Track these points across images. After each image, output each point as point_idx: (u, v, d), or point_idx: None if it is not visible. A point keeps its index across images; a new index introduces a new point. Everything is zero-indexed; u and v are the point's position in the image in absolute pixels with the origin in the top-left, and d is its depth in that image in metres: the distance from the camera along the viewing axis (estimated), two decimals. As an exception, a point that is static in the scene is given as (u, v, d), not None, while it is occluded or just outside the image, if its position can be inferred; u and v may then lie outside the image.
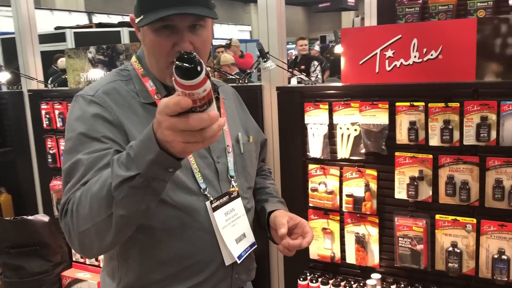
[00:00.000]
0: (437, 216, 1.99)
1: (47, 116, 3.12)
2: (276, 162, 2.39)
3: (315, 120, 2.22)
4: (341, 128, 2.17)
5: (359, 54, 2.13)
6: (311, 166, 2.27)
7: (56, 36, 9.78)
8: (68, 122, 1.30)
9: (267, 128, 2.42)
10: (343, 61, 2.18)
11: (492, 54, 1.87)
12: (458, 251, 1.95)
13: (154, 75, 1.37)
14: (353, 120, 2.13)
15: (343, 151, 2.17)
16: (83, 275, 2.93)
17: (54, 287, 2.96)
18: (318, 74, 6.65)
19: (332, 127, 2.19)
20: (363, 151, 2.12)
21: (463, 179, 1.92)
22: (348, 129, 2.15)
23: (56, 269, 2.97)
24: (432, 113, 1.94)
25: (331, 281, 2.23)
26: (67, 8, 14.74)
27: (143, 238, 1.27)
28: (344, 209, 2.19)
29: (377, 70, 2.10)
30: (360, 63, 2.13)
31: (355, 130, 2.13)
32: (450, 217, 1.96)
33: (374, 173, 2.11)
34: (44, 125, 3.15)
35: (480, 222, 1.91)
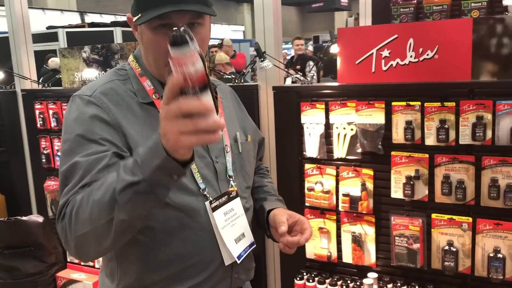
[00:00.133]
0: (433, 215, 2.00)
1: (41, 116, 3.10)
2: (273, 162, 2.39)
3: (312, 120, 2.22)
4: (338, 128, 2.17)
5: (356, 54, 2.13)
6: (308, 166, 2.27)
7: (48, 36, 9.72)
8: (66, 123, 1.28)
9: (264, 128, 2.42)
10: (340, 61, 2.18)
11: (488, 54, 1.88)
12: (454, 250, 1.96)
13: (152, 74, 1.36)
14: (350, 120, 2.14)
15: (340, 151, 2.18)
16: (78, 276, 2.91)
17: (49, 288, 2.95)
18: (314, 74, 6.66)
19: (329, 127, 2.20)
20: (360, 151, 2.12)
21: (459, 178, 1.93)
22: (345, 129, 2.15)
23: (51, 270, 2.95)
24: (428, 113, 1.95)
25: (328, 281, 2.23)
26: (59, 8, 14.66)
27: (143, 239, 1.27)
28: (341, 209, 2.19)
29: (373, 70, 2.10)
30: (357, 63, 2.13)
31: (352, 130, 2.14)
32: (446, 216, 1.98)
33: (371, 173, 2.12)
34: (38, 125, 3.13)
35: (476, 221, 1.92)
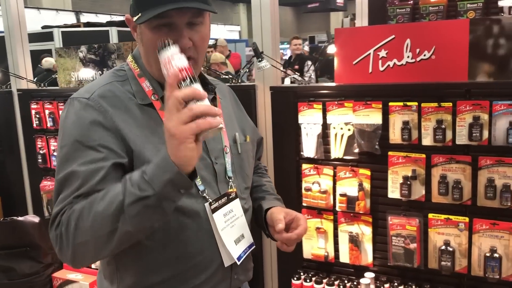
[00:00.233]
0: (430, 215, 2.01)
1: (37, 116, 3.09)
2: (270, 162, 2.39)
3: (309, 120, 2.23)
4: (335, 128, 2.17)
5: (353, 54, 2.14)
6: (305, 166, 2.27)
7: (44, 36, 9.68)
8: (64, 126, 1.27)
9: (261, 128, 2.42)
10: (337, 61, 2.18)
11: (484, 55, 1.89)
12: (451, 250, 1.97)
13: (152, 75, 1.36)
14: (347, 120, 2.14)
15: (337, 151, 2.18)
16: (75, 276, 2.90)
17: (45, 289, 2.94)
18: (312, 74, 6.64)
19: (326, 127, 2.20)
20: (357, 151, 2.13)
21: (456, 178, 1.94)
22: (342, 129, 2.16)
23: (47, 270, 2.94)
24: (425, 113, 1.96)
25: (325, 280, 2.24)
26: (54, 7, 14.60)
27: (143, 241, 1.26)
28: (338, 209, 2.19)
29: (371, 70, 2.11)
30: (354, 63, 2.14)
31: (349, 130, 2.14)
32: (443, 216, 1.98)
33: (368, 173, 2.12)
34: (34, 125, 3.12)
35: (473, 221, 1.93)
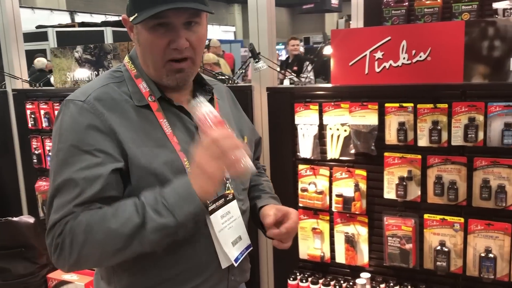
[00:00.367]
0: (426, 216, 2.02)
1: (32, 116, 3.07)
2: (266, 163, 2.40)
3: (305, 121, 2.23)
4: (331, 129, 2.18)
5: (349, 56, 2.15)
6: (301, 167, 2.28)
7: (38, 35, 9.65)
8: (59, 129, 1.26)
9: (257, 129, 2.42)
10: (333, 62, 2.19)
11: (480, 56, 1.90)
12: (446, 250, 1.98)
13: (149, 76, 1.35)
14: (343, 121, 2.15)
15: (333, 152, 2.19)
16: (70, 277, 2.88)
17: (40, 290, 2.92)
18: (310, 75, 6.63)
19: (322, 128, 2.21)
20: (353, 152, 2.14)
21: (451, 179, 1.95)
22: (338, 130, 2.16)
23: (42, 271, 2.92)
24: (421, 114, 1.97)
25: (321, 281, 2.24)
26: (48, 7, 14.54)
27: None
28: (334, 209, 2.20)
29: (367, 72, 2.12)
30: (350, 64, 2.15)
31: (345, 131, 2.15)
32: (438, 217, 1.99)
33: (364, 173, 2.13)
34: (29, 125, 3.10)
35: (468, 221, 1.94)
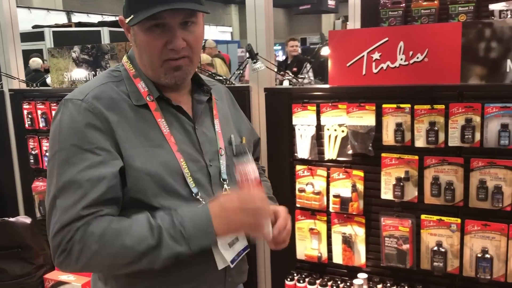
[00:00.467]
0: (423, 216, 2.03)
1: (29, 116, 3.07)
2: (264, 163, 2.39)
3: (303, 121, 2.24)
4: (329, 130, 2.19)
5: (346, 56, 2.15)
6: (299, 167, 2.28)
7: (34, 35, 9.62)
8: (58, 129, 1.26)
9: (255, 129, 2.41)
10: (331, 63, 2.19)
11: (476, 58, 1.91)
12: (443, 251, 1.99)
13: (147, 76, 1.36)
14: (341, 122, 2.15)
15: (331, 152, 2.19)
16: (66, 278, 2.88)
17: (36, 290, 2.91)
18: (311, 76, 6.60)
19: (320, 128, 2.21)
20: (350, 152, 2.14)
21: (448, 180, 1.95)
22: (336, 131, 2.17)
23: (39, 272, 2.91)
24: (418, 115, 1.98)
25: (318, 281, 2.25)
26: (45, 7, 14.50)
27: None
28: (331, 210, 2.21)
29: (364, 72, 2.13)
30: (347, 65, 2.15)
31: (342, 132, 2.15)
32: (435, 217, 2.00)
33: (361, 174, 2.13)
34: (26, 125, 3.10)
35: (464, 222, 1.95)
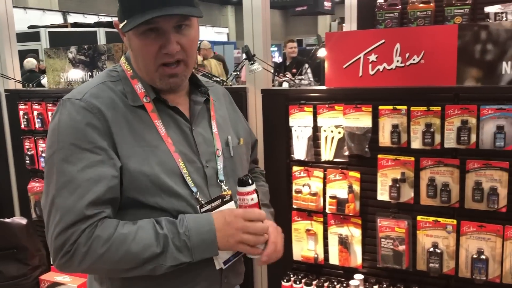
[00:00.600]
0: (419, 217, 2.03)
1: (25, 117, 3.06)
2: (261, 164, 2.39)
3: (300, 123, 2.24)
4: (325, 131, 2.19)
5: (343, 58, 2.16)
6: (295, 168, 2.28)
7: (30, 35, 9.60)
8: (57, 129, 1.27)
9: (252, 130, 2.43)
10: (327, 65, 2.20)
11: (472, 60, 1.92)
12: (439, 252, 2.00)
13: (143, 78, 1.36)
14: (337, 123, 2.16)
15: (327, 154, 2.20)
16: (62, 279, 2.87)
17: (32, 291, 2.90)
18: (310, 77, 6.60)
19: (316, 130, 2.21)
20: (347, 154, 2.15)
21: (444, 181, 1.96)
22: (332, 132, 2.18)
23: (34, 273, 2.91)
24: (414, 117, 1.99)
25: (315, 282, 2.25)
26: (41, 7, 14.46)
27: None
28: (328, 211, 2.21)
29: (361, 74, 2.13)
30: (344, 67, 2.16)
31: (339, 133, 2.16)
32: (431, 218, 2.01)
33: (357, 175, 2.14)
34: (22, 126, 3.09)
35: (460, 223, 1.96)
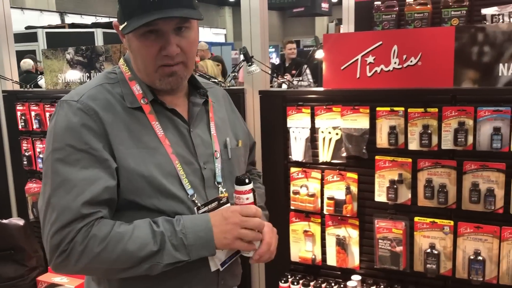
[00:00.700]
0: (416, 219, 2.04)
1: (23, 118, 3.06)
2: (259, 165, 2.40)
3: (298, 124, 2.25)
4: (323, 132, 2.20)
5: (341, 60, 2.16)
6: (293, 169, 2.29)
7: (27, 36, 9.58)
8: (54, 129, 1.28)
9: (250, 131, 2.43)
10: (325, 66, 2.21)
11: (469, 62, 1.93)
12: (436, 253, 2.00)
13: (142, 79, 1.37)
14: (335, 124, 2.17)
15: (325, 155, 2.21)
16: (60, 280, 2.87)
17: (29, 292, 2.90)
18: (310, 78, 6.58)
19: (314, 131, 2.22)
20: (344, 155, 2.15)
21: (441, 183, 1.97)
22: (330, 133, 2.18)
23: (32, 274, 2.90)
24: (412, 118, 1.99)
25: (312, 283, 2.25)
26: (38, 8, 14.44)
27: None
28: (325, 212, 2.22)
29: (358, 76, 2.14)
30: (342, 69, 2.17)
31: (337, 134, 2.17)
32: (429, 220, 2.02)
33: (355, 176, 2.15)
34: (20, 127, 3.09)
35: (457, 224, 1.97)
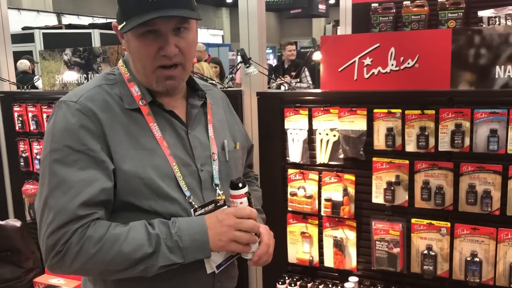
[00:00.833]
0: (413, 220, 2.05)
1: (20, 119, 3.05)
2: (256, 167, 2.40)
3: (295, 126, 2.25)
4: (320, 134, 2.20)
5: (338, 62, 2.17)
6: (291, 171, 2.29)
7: (24, 37, 9.56)
8: (52, 130, 1.28)
9: (247, 133, 2.43)
10: (322, 68, 2.21)
11: (466, 64, 1.94)
12: (433, 254, 2.01)
13: (140, 81, 1.37)
14: (332, 126, 2.17)
15: (322, 156, 2.21)
16: (57, 281, 2.87)
17: (26, 294, 2.89)
18: (309, 79, 6.58)
19: (312, 133, 2.23)
20: (342, 156, 2.16)
21: (438, 184, 1.98)
22: (327, 135, 2.19)
23: (28, 275, 2.90)
24: (409, 120, 2.00)
25: (310, 285, 2.26)
26: (35, 8, 14.42)
27: None
28: (323, 213, 2.22)
29: (356, 78, 2.15)
30: (339, 70, 2.17)
31: (334, 136, 2.17)
32: (426, 221, 2.02)
33: (352, 178, 2.15)
34: (17, 128, 3.08)
35: (454, 226, 1.97)
